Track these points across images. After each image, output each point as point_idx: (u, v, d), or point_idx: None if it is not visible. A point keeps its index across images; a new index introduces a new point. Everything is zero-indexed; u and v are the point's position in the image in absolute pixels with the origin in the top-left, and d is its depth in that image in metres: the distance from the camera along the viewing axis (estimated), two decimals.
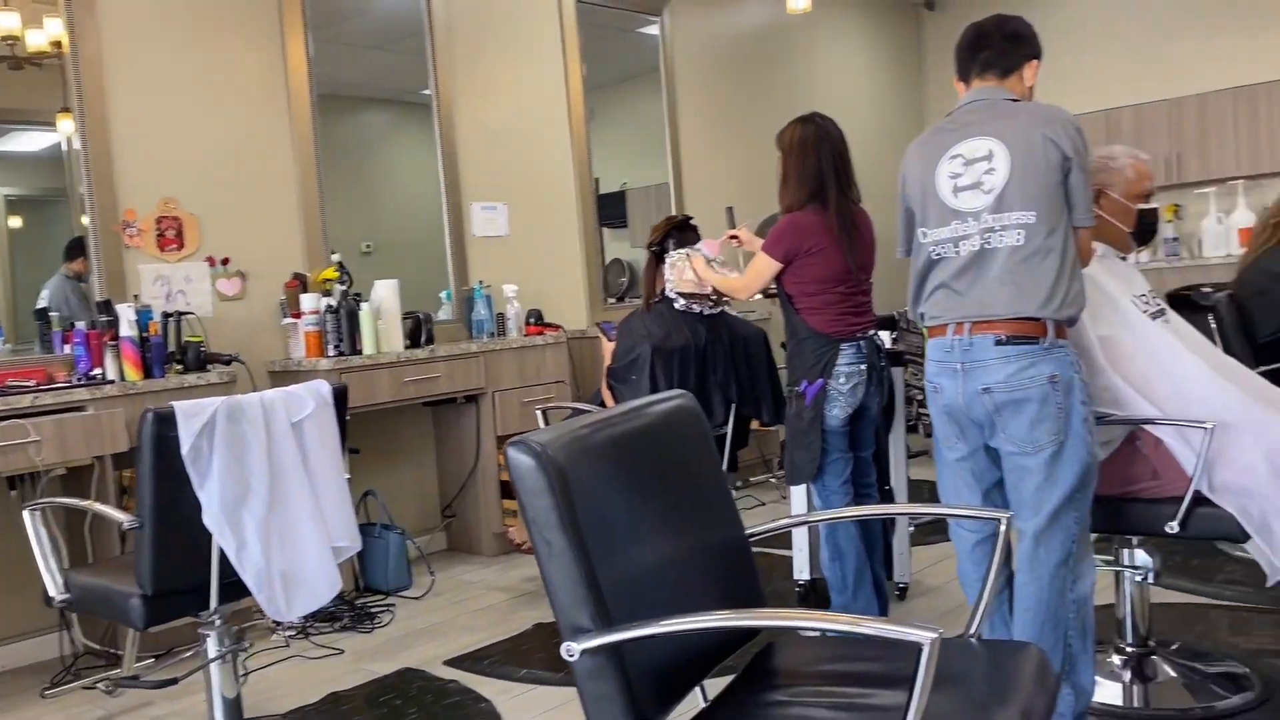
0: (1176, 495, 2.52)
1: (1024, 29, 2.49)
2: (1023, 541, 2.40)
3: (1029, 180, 2.29)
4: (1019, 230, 2.30)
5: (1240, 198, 6.28)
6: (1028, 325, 2.30)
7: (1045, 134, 2.29)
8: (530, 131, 5.39)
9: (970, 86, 2.49)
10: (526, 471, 1.44)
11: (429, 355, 4.37)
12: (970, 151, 2.37)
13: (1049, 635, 2.37)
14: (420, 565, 4.44)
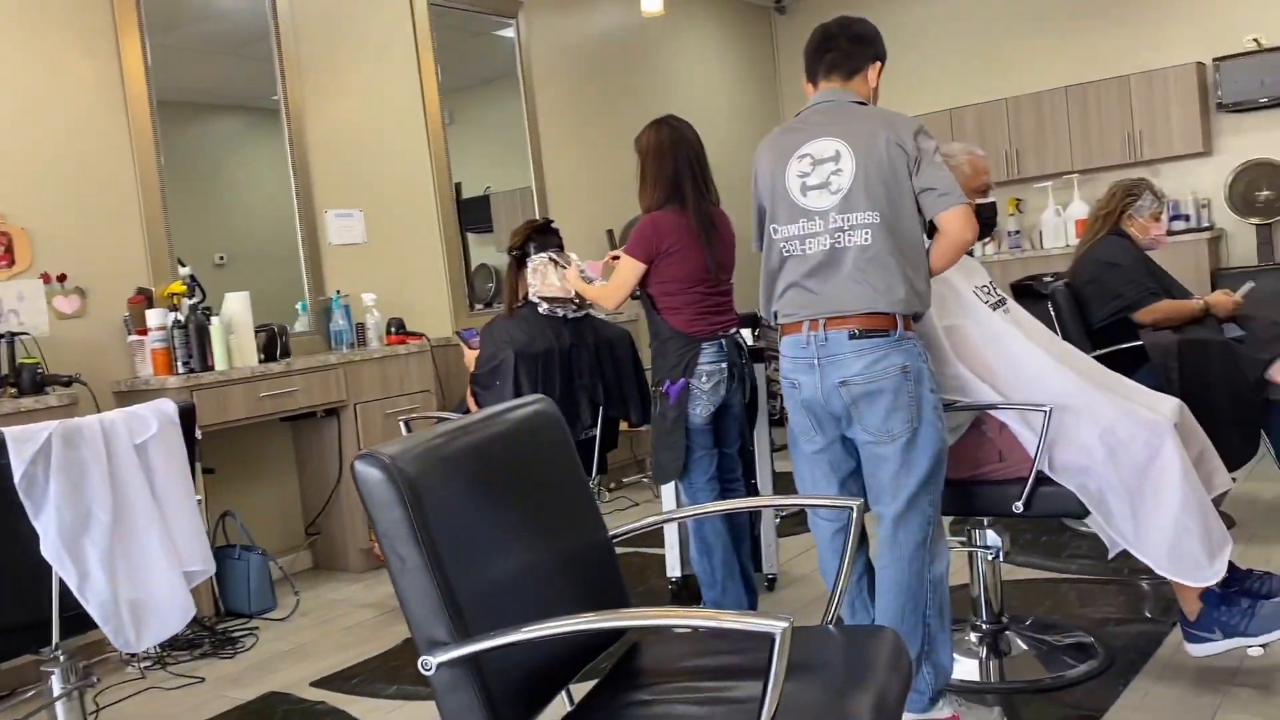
0: (1021, 476, 2.64)
1: (868, 31, 2.56)
2: (882, 527, 2.47)
3: (873, 182, 2.36)
4: (866, 230, 2.36)
5: (1075, 191, 6.63)
6: (879, 319, 2.37)
7: (889, 137, 2.36)
8: (386, 136, 5.28)
9: (818, 88, 2.55)
10: (375, 485, 1.40)
11: (285, 369, 4.23)
12: (818, 152, 2.43)
13: (910, 616, 2.44)
14: (284, 585, 4.30)
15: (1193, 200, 6.52)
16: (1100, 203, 4.09)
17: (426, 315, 5.28)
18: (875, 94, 2.58)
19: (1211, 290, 5.88)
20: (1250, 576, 2.78)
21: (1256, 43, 6.28)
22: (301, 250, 4.86)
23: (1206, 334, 3.76)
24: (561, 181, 6.23)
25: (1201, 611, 2.61)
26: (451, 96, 5.77)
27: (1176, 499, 2.48)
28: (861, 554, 2.66)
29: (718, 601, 3.20)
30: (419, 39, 5.44)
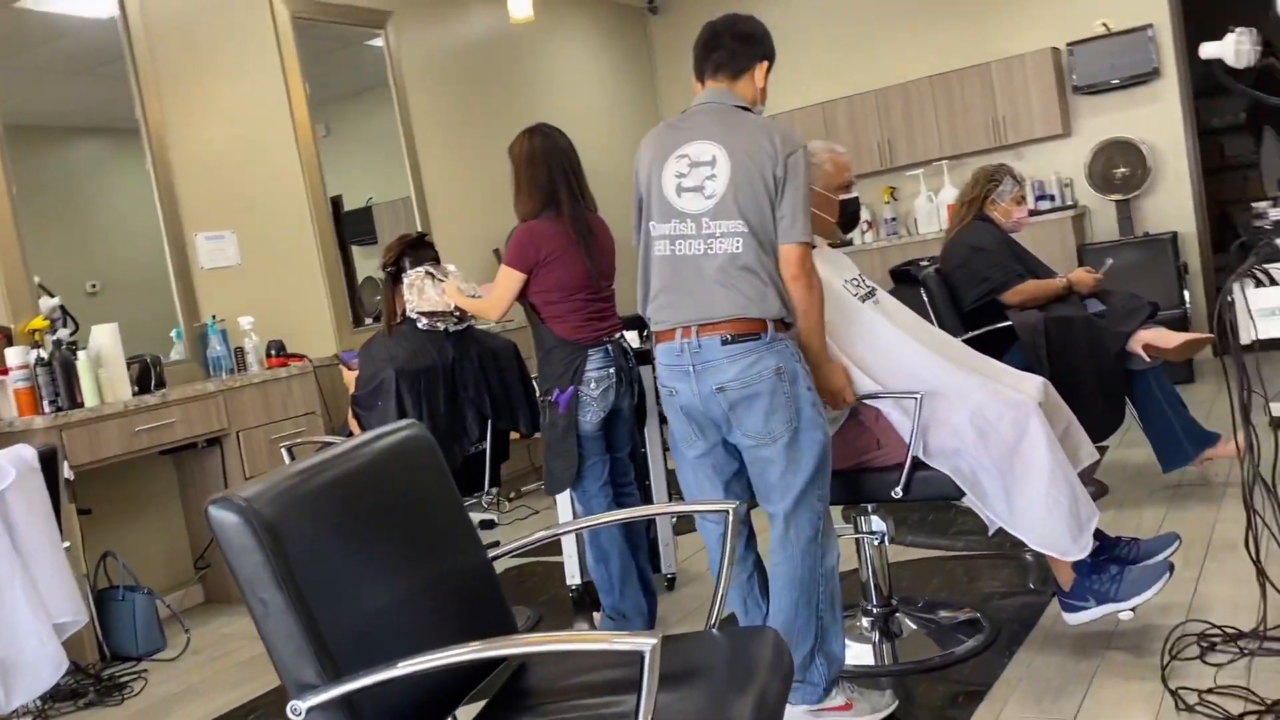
0: (899, 462, 2.71)
1: (756, 29, 2.56)
2: (774, 525, 2.50)
3: (744, 191, 2.38)
4: (737, 238, 2.38)
5: (946, 176, 6.83)
6: (749, 324, 2.39)
7: (765, 150, 2.37)
8: (255, 154, 5.14)
9: (704, 86, 2.56)
10: (232, 530, 1.36)
11: (161, 400, 4.09)
12: (696, 154, 2.44)
13: (804, 611, 2.49)
14: (174, 624, 4.16)
15: (1056, 180, 6.77)
16: (964, 190, 4.22)
17: (308, 335, 5.16)
18: (763, 93, 2.58)
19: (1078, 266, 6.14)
20: (1119, 544, 2.91)
21: (1106, 27, 6.56)
22: (172, 276, 4.70)
23: (1070, 311, 3.92)
24: (441, 190, 6.16)
25: (1075, 581, 2.73)
26: (326, 108, 5.65)
27: (1044, 476, 2.58)
28: (751, 552, 2.69)
29: (616, 606, 3.21)
30: (284, 52, 5.31)
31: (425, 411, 3.30)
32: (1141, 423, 3.94)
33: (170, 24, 4.82)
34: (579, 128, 5.94)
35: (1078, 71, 6.60)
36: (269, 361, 4.68)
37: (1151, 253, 6.23)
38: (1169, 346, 3.72)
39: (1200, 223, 6.67)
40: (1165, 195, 6.64)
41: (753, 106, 2.55)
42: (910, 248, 6.71)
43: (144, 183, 4.66)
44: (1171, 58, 6.51)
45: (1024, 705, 2.52)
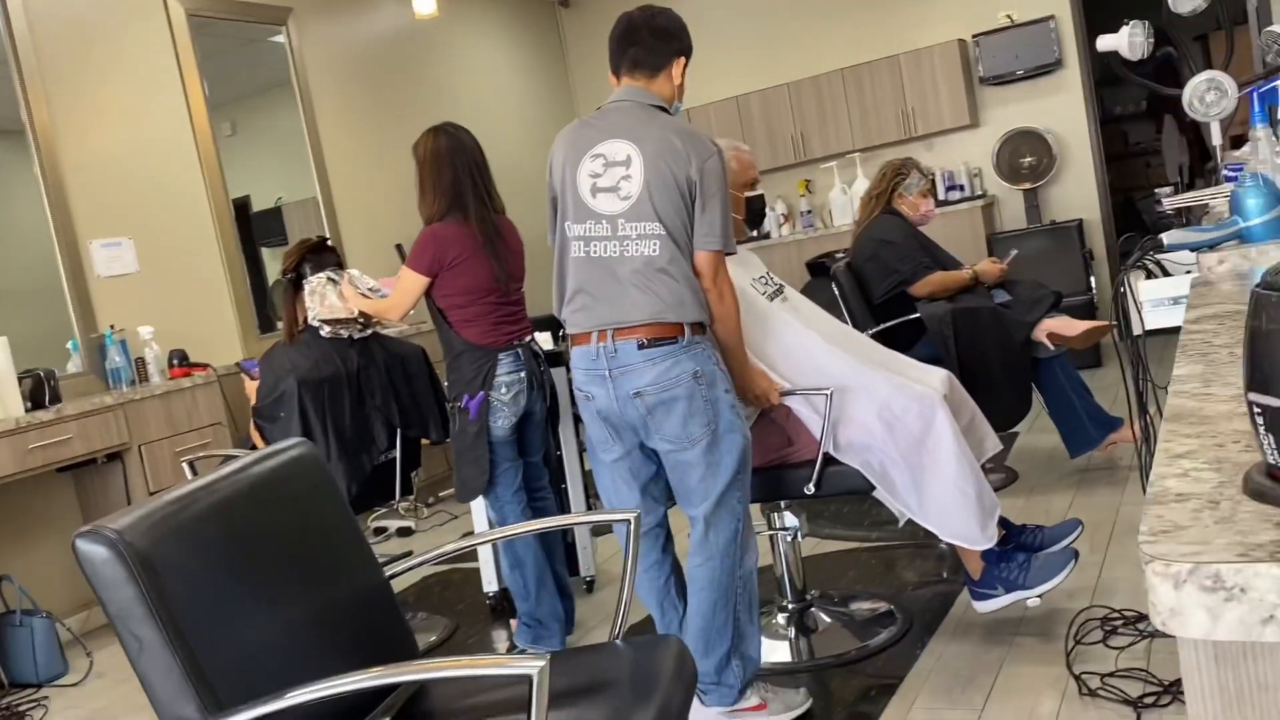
0: (810, 458, 2.71)
1: (673, 24, 2.51)
2: (694, 528, 2.49)
3: (659, 194, 2.34)
4: (654, 241, 2.35)
5: (859, 169, 6.90)
6: (666, 328, 2.37)
7: (680, 155, 2.34)
8: (153, 156, 4.97)
9: (621, 82, 2.50)
10: (101, 564, 1.30)
11: (56, 416, 3.93)
12: (611, 153, 2.39)
13: (720, 612, 2.48)
14: (76, 648, 4.01)
15: (965, 170, 6.89)
16: (872, 184, 4.27)
17: (213, 343, 5.01)
18: (680, 90, 2.54)
19: (988, 255, 6.26)
20: (1024, 531, 2.96)
21: (1010, 19, 6.69)
22: (66, 285, 4.52)
23: (977, 302, 3.98)
24: (349, 191, 6.03)
25: (984, 570, 2.77)
26: (232, 106, 5.49)
27: (951, 467, 2.62)
28: (668, 555, 2.67)
29: (532, 613, 3.17)
30: (180, 51, 5.14)
31: (330, 422, 3.22)
32: (1048, 409, 4.03)
33: (57, 23, 4.63)
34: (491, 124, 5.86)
35: (984, 63, 6.72)
36: (171, 372, 4.54)
37: (1058, 240, 6.37)
38: (1072, 334, 3.81)
39: (1104, 209, 6.85)
40: (1071, 183, 6.80)
41: (669, 105, 2.51)
42: (826, 240, 6.76)
43: (33, 187, 4.47)
44: (1074, 48, 6.66)
45: (935, 697, 2.55)
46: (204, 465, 3.75)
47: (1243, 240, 2.01)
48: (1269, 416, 0.63)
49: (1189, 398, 0.91)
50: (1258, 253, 1.93)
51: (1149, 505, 0.66)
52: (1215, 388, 0.93)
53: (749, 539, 2.52)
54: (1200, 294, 1.57)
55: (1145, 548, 0.59)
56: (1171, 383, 0.97)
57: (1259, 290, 0.64)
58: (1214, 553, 0.57)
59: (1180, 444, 0.78)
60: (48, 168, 4.49)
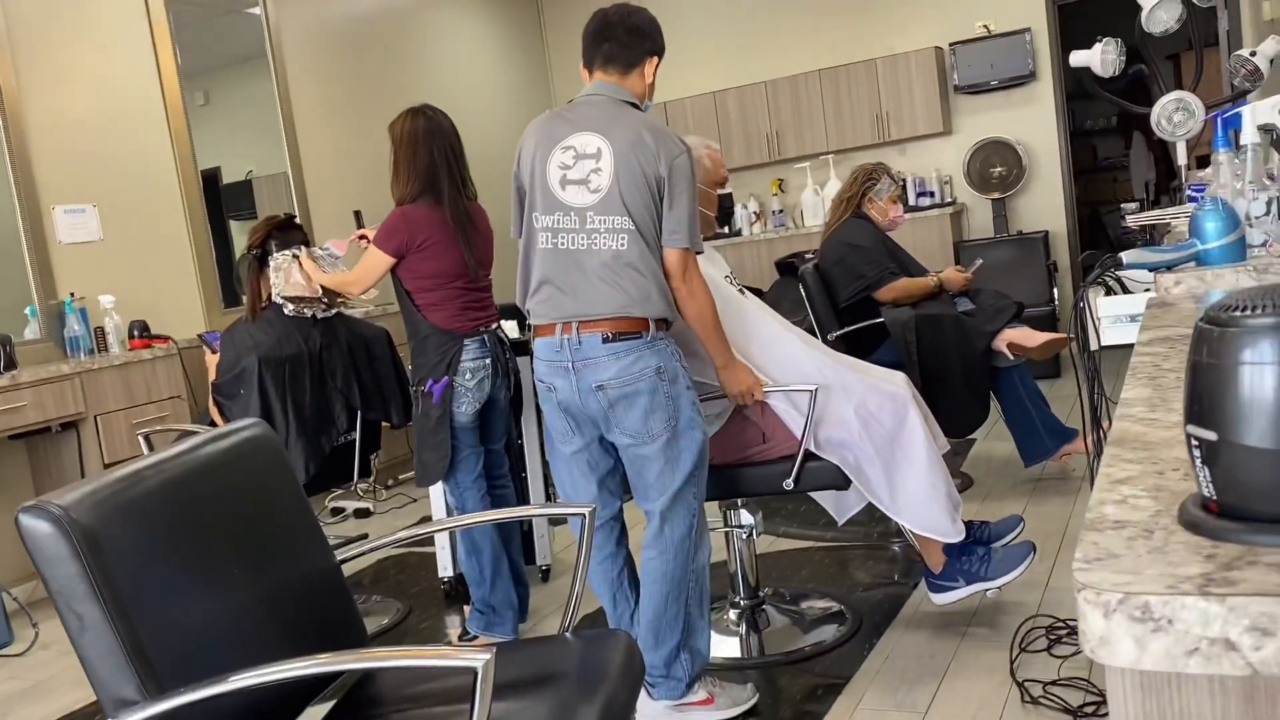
0: (785, 455, 2.74)
1: (646, 23, 2.53)
2: (650, 522, 2.50)
3: (629, 189, 2.35)
4: (622, 235, 2.35)
5: (832, 170, 6.93)
6: (631, 322, 2.37)
7: (650, 151, 2.35)
8: (121, 124, 4.89)
9: (593, 77, 2.51)
10: (44, 539, 1.29)
11: (11, 382, 3.87)
12: (582, 146, 2.39)
13: (672, 605, 2.49)
14: (22, 617, 3.95)
15: (936, 177, 6.94)
16: (843, 187, 4.29)
17: (175, 315, 4.95)
18: (651, 89, 2.56)
19: (955, 260, 6.32)
20: (973, 526, 3.02)
21: (986, 29, 6.74)
22: (26, 251, 4.45)
23: (940, 309, 4.01)
24: (320, 167, 5.97)
25: (946, 564, 2.85)
26: (206, 75, 5.42)
27: (923, 463, 2.70)
28: (622, 548, 2.68)
29: (486, 600, 3.17)
30: (153, 18, 5.06)
31: (290, 401, 3.20)
32: (1005, 418, 4.08)
33: None
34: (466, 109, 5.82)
35: (959, 71, 6.76)
36: (131, 343, 4.48)
37: (1024, 250, 6.44)
38: (1032, 345, 3.86)
39: (1071, 222, 6.93)
40: (1039, 195, 6.88)
41: (640, 102, 2.52)
42: (796, 240, 6.79)
43: None
44: (1048, 61, 6.72)
45: (880, 696, 2.58)
46: (160, 439, 3.72)
47: (1200, 263, 2.05)
48: (1205, 449, 0.64)
49: (1134, 421, 0.93)
50: (1214, 275, 1.96)
51: (1086, 531, 0.68)
52: (1160, 413, 0.95)
53: (703, 535, 2.54)
54: (1154, 315, 1.60)
55: (1078, 575, 0.61)
56: (1118, 405, 0.99)
57: (1201, 325, 0.65)
58: (1144, 583, 0.58)
59: (1121, 469, 0.80)
60: (12, 130, 4.41)
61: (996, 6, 6.73)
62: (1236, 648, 0.54)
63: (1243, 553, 0.61)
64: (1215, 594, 0.55)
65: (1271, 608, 0.54)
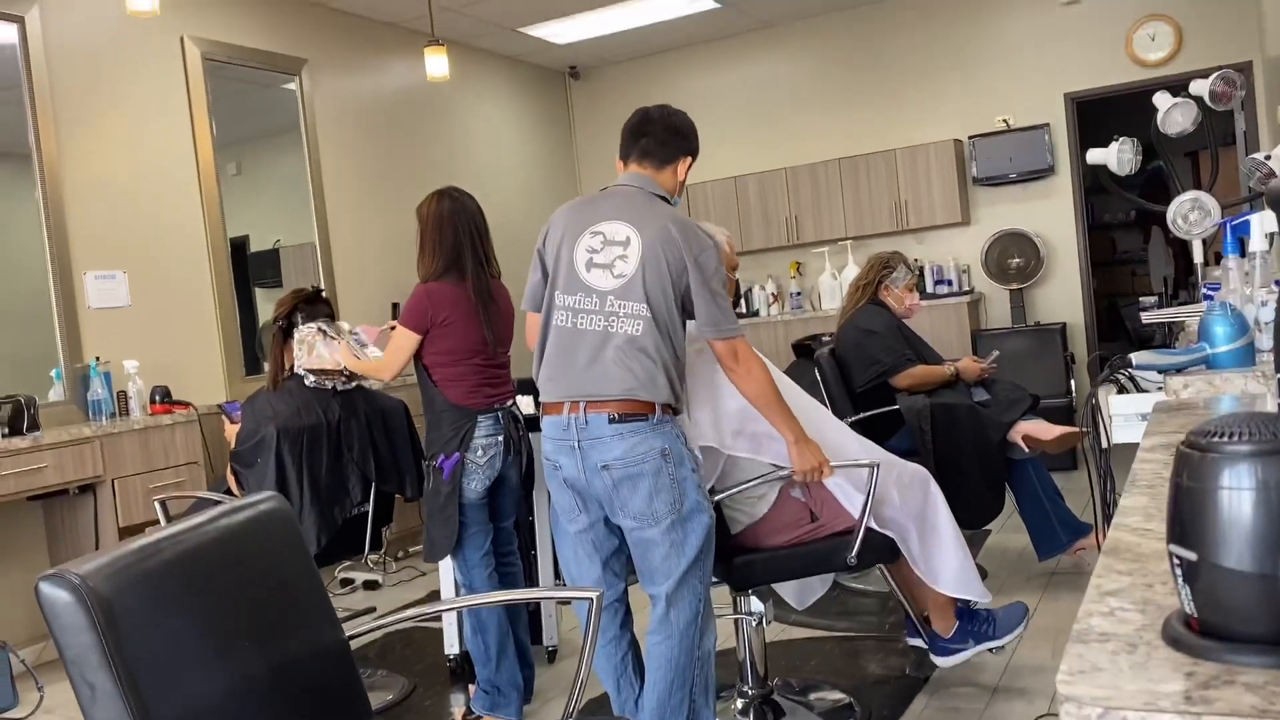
0: (836, 531, 2.77)
1: (686, 126, 2.64)
2: (655, 606, 2.50)
3: (651, 278, 2.41)
4: (638, 321, 2.41)
5: (850, 256, 7.01)
6: (638, 405, 2.41)
7: (677, 244, 2.41)
8: (155, 193, 5.03)
9: (628, 168, 2.60)
10: (62, 608, 1.31)
11: (33, 444, 3.93)
12: (611, 233, 2.46)
13: (677, 692, 2.48)
14: (28, 680, 3.95)
15: (954, 266, 7.01)
16: (860, 274, 4.34)
17: (197, 382, 5.02)
18: (681, 187, 2.64)
19: (972, 349, 6.35)
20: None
21: (1005, 123, 6.86)
22: (56, 314, 4.55)
23: (956, 398, 4.03)
24: (347, 241, 6.10)
25: (957, 628, 3.06)
26: (239, 146, 5.58)
27: (951, 532, 2.83)
28: (626, 631, 2.67)
29: (491, 680, 3.15)
30: (192, 92, 5.23)
31: (306, 472, 3.23)
32: (1020, 510, 4.06)
33: (73, 53, 4.72)
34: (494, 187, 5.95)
35: (978, 163, 6.87)
36: (152, 408, 4.54)
37: (1041, 341, 6.47)
38: (1047, 439, 3.86)
39: (1088, 315, 6.95)
40: (1056, 286, 6.92)
41: (670, 197, 2.60)
42: (813, 323, 6.84)
43: (34, 213, 4.52)
44: (1066, 156, 6.82)
45: None
46: (176, 505, 3.75)
47: (1209, 366, 2.07)
48: (1187, 568, 0.66)
49: (1128, 531, 0.95)
50: (1223, 380, 1.98)
51: (1072, 643, 0.70)
52: (1156, 523, 0.97)
53: (709, 620, 2.53)
54: (1160, 420, 1.62)
55: (1062, 688, 0.63)
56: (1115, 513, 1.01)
57: (1182, 448, 0.68)
58: (1124, 698, 0.60)
59: (1112, 580, 0.82)
60: (50, 195, 4.54)
61: (1016, 102, 6.86)
62: None
63: (1220, 671, 0.62)
64: (1191, 712, 0.57)
65: None
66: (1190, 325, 3.15)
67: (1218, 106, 3.82)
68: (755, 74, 7.58)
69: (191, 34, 5.25)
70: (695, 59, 7.74)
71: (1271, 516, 0.63)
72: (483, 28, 6.84)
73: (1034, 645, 3.38)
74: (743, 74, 7.61)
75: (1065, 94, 6.78)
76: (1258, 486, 0.63)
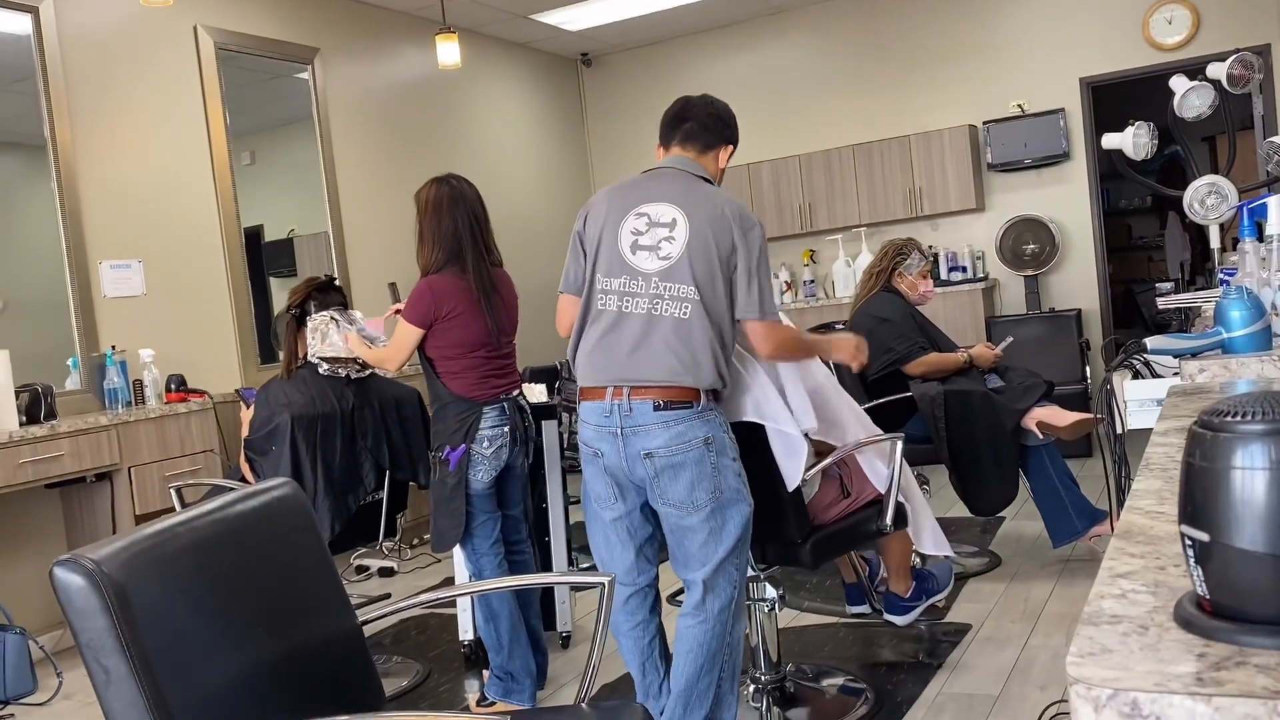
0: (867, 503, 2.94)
1: (728, 113, 2.63)
2: (690, 592, 2.50)
3: (699, 260, 2.38)
4: (686, 304, 2.37)
5: (864, 243, 6.98)
6: (683, 392, 2.39)
7: (725, 223, 2.39)
8: (169, 182, 5.05)
9: (669, 153, 2.57)
10: (76, 593, 1.32)
11: (50, 432, 3.95)
12: (656, 214, 2.43)
13: (706, 677, 2.48)
14: (47, 666, 3.98)
15: (969, 253, 6.97)
16: (873, 261, 4.32)
17: (212, 370, 5.05)
18: (721, 176, 2.62)
19: (987, 336, 6.32)
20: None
21: (1020, 109, 6.81)
22: (72, 304, 4.57)
23: (969, 385, 4.01)
24: (360, 229, 6.11)
25: (914, 587, 3.33)
26: (253, 136, 5.59)
27: (920, 495, 3.09)
28: (655, 616, 2.66)
29: (504, 666, 3.16)
30: (205, 82, 5.24)
31: (320, 459, 3.24)
32: (1034, 497, 4.04)
33: (87, 44, 4.73)
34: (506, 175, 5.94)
35: (993, 149, 6.82)
36: (168, 396, 4.57)
37: (1056, 328, 6.43)
38: (1061, 425, 3.84)
39: (1104, 301, 6.91)
40: (1072, 272, 6.88)
41: (713, 181, 2.57)
42: (827, 310, 6.82)
43: (49, 203, 4.55)
44: (1081, 141, 6.77)
45: None
46: (191, 493, 3.77)
47: (1225, 350, 2.06)
48: (1198, 549, 0.66)
49: (1141, 515, 0.94)
50: (1239, 364, 1.97)
51: (1082, 625, 0.69)
52: (1169, 506, 0.96)
53: (742, 608, 2.55)
54: (1174, 404, 1.60)
55: (1071, 669, 0.62)
56: (1128, 496, 1.00)
57: (1194, 428, 0.67)
58: (1134, 680, 0.60)
59: (1124, 563, 0.81)
60: (65, 185, 4.56)
61: (1031, 87, 6.81)
62: None
63: (1233, 653, 0.62)
64: (1202, 694, 0.57)
65: (1256, 709, 0.55)
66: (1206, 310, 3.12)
67: (1235, 90, 3.78)
68: (768, 60, 7.54)
69: (204, 23, 5.26)
70: (707, 45, 7.70)
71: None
72: (494, 15, 6.82)
73: (1048, 632, 3.37)
74: (755, 60, 7.58)
75: (1081, 78, 6.73)
76: (1271, 466, 0.62)
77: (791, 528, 2.72)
